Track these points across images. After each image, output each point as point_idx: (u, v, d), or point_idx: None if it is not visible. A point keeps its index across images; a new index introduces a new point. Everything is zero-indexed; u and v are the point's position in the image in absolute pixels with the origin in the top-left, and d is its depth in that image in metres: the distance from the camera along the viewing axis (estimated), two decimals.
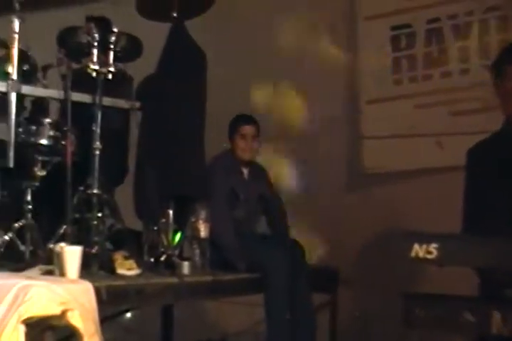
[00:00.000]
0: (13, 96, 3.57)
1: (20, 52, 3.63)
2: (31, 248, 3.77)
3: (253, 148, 4.71)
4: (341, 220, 5.37)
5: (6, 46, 3.66)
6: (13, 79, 3.57)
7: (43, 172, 3.85)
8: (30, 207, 3.82)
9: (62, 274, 3.26)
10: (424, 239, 2.64)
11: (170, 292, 3.78)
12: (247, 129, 4.69)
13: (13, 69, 3.58)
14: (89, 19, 4.23)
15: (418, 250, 2.62)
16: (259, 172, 4.85)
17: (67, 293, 2.95)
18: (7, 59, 3.61)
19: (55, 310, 2.87)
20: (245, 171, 4.73)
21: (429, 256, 2.62)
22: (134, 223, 4.12)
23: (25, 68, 3.75)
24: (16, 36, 3.60)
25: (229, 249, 4.32)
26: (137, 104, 4.12)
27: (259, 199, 4.77)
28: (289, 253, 4.38)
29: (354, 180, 5.59)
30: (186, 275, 3.88)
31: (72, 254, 3.23)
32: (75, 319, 2.88)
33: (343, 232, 5.35)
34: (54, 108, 4.11)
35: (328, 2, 5.60)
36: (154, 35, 4.18)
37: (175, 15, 4.23)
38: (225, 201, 4.50)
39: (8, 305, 2.82)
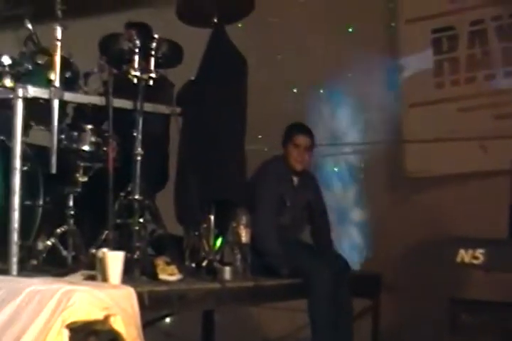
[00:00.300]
0: (56, 103, 3.60)
1: (63, 60, 3.66)
2: (73, 253, 3.81)
3: (305, 159, 4.64)
4: (384, 225, 5.33)
5: (49, 54, 3.69)
6: (55, 86, 3.60)
7: (85, 178, 3.89)
8: (72, 212, 3.86)
9: (104, 279, 3.28)
10: (470, 244, 2.61)
11: (211, 297, 3.77)
12: (302, 139, 4.61)
13: (55, 77, 3.61)
14: (130, 26, 4.26)
15: (464, 255, 2.59)
16: (309, 180, 4.78)
17: (109, 298, 2.96)
18: (50, 66, 3.65)
19: (98, 315, 2.88)
20: (295, 179, 4.66)
21: (475, 262, 2.59)
22: (175, 228, 4.13)
23: (67, 75, 3.77)
24: (59, 44, 3.62)
25: (271, 254, 4.30)
26: (178, 110, 4.12)
27: (305, 207, 4.72)
28: (332, 260, 4.36)
29: (396, 184, 5.54)
30: (228, 281, 3.87)
31: (114, 260, 3.25)
32: (117, 324, 2.89)
33: (386, 237, 5.31)
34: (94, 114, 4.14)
35: (368, 6, 5.56)
36: (195, 40, 4.18)
37: (215, 20, 4.24)
38: (272, 207, 4.47)
39: (51, 309, 2.84)
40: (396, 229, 5.21)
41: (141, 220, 3.84)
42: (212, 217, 4.06)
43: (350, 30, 5.69)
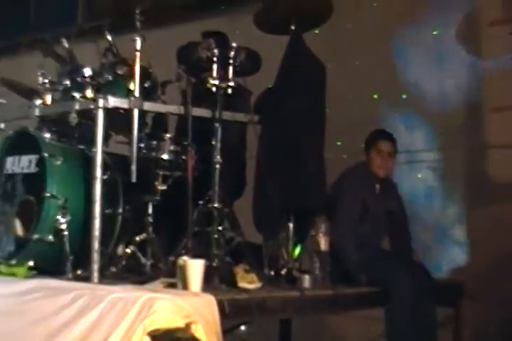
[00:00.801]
0: (136, 113, 3.64)
1: (142, 70, 3.71)
2: (152, 261, 3.84)
3: (389, 165, 4.60)
4: (467, 233, 5.24)
5: (128, 64, 3.74)
6: (135, 96, 3.64)
7: (164, 187, 3.91)
8: (151, 220, 3.90)
9: (184, 287, 3.30)
10: None
11: (291, 305, 3.75)
12: (385, 146, 4.56)
13: (135, 87, 3.65)
14: (206, 35, 4.29)
15: None
16: (390, 187, 4.72)
17: (190, 306, 2.98)
18: (129, 76, 3.70)
19: (179, 322, 2.90)
20: (377, 186, 4.61)
21: None
22: (254, 236, 4.13)
23: (146, 85, 3.82)
24: (138, 54, 3.67)
25: (350, 262, 4.27)
26: (256, 118, 4.12)
27: (386, 214, 4.66)
28: (412, 268, 4.30)
29: (478, 190, 5.43)
30: (307, 289, 3.85)
31: (195, 267, 3.26)
32: (198, 332, 2.90)
33: (469, 245, 5.22)
34: (173, 123, 4.19)
35: (451, 9, 5.46)
36: (270, 48, 4.18)
37: (293, 27, 4.22)
38: (352, 214, 4.43)
39: (133, 317, 2.87)
40: (479, 237, 5.11)
41: (220, 228, 3.85)
42: (291, 225, 4.06)
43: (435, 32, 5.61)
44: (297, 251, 4.08)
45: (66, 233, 3.59)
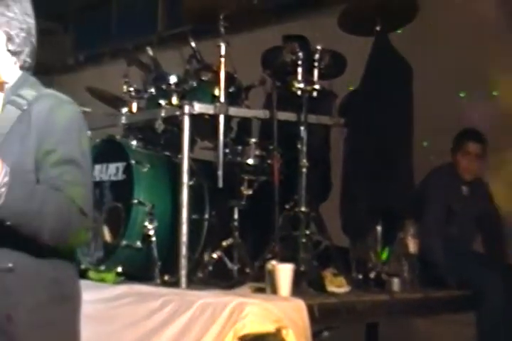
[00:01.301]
0: (221, 118, 3.65)
1: (227, 75, 3.72)
2: (239, 266, 3.83)
3: (475, 168, 4.44)
4: None
5: (213, 70, 3.76)
6: (220, 102, 3.66)
7: (250, 191, 3.90)
8: (237, 225, 3.89)
9: (273, 292, 3.29)
10: None
11: (380, 309, 3.72)
12: (472, 147, 4.41)
13: (220, 92, 3.67)
14: (288, 38, 4.28)
15: None
16: (480, 188, 4.57)
17: (280, 310, 2.97)
18: (214, 82, 3.71)
19: (269, 327, 2.90)
20: (465, 188, 4.48)
21: None
22: (341, 239, 4.09)
23: (231, 90, 3.83)
24: (223, 60, 3.69)
25: (438, 265, 4.19)
26: (341, 121, 4.10)
27: (476, 216, 4.53)
28: (505, 272, 4.19)
29: None
30: (396, 292, 3.80)
31: (284, 272, 3.26)
32: (289, 337, 2.90)
33: None
34: (257, 127, 4.18)
35: None
36: (351, 50, 4.14)
37: (378, 28, 4.17)
38: (439, 216, 4.34)
39: (223, 322, 2.88)
40: None
41: (307, 232, 3.82)
42: (379, 228, 4.01)
43: None
44: (385, 254, 4.03)
45: (154, 239, 3.63)
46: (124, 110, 4.03)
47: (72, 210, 1.93)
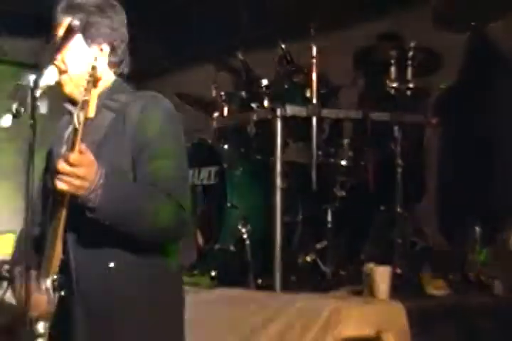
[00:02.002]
0: (314, 120, 3.62)
1: (319, 76, 3.68)
2: (333, 268, 3.79)
3: None
4: None
5: (304, 71, 3.73)
6: (312, 104, 3.63)
7: (343, 193, 3.85)
8: (331, 227, 3.84)
9: (371, 294, 3.24)
10: None
11: (481, 312, 3.61)
12: None
13: (312, 94, 3.64)
14: (382, 37, 4.21)
15: None
16: None
17: (379, 314, 2.93)
18: (305, 84, 3.68)
19: (368, 331, 2.86)
20: None
21: None
22: (435, 240, 4.01)
23: (323, 91, 3.79)
24: (314, 61, 3.65)
25: None
26: (435, 120, 4.01)
27: None
28: None
29: None
30: (498, 294, 3.69)
31: (382, 274, 3.21)
32: None
33: None
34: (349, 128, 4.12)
35: None
36: (450, 46, 4.04)
37: (473, 23, 4.08)
38: None
39: (321, 326, 2.86)
40: None
41: (403, 234, 3.76)
42: (477, 229, 3.91)
43: None
44: (484, 255, 3.93)
45: (248, 242, 3.61)
46: (216, 114, 4.03)
47: (169, 205, 1.93)
